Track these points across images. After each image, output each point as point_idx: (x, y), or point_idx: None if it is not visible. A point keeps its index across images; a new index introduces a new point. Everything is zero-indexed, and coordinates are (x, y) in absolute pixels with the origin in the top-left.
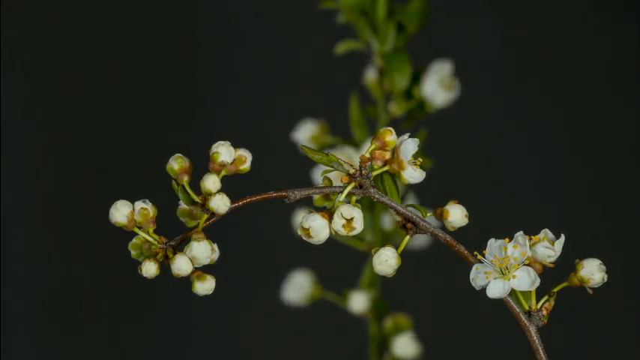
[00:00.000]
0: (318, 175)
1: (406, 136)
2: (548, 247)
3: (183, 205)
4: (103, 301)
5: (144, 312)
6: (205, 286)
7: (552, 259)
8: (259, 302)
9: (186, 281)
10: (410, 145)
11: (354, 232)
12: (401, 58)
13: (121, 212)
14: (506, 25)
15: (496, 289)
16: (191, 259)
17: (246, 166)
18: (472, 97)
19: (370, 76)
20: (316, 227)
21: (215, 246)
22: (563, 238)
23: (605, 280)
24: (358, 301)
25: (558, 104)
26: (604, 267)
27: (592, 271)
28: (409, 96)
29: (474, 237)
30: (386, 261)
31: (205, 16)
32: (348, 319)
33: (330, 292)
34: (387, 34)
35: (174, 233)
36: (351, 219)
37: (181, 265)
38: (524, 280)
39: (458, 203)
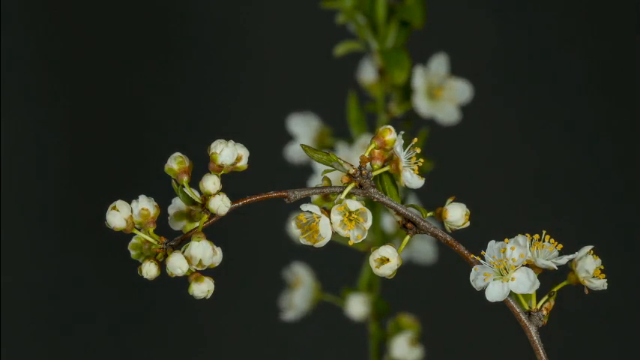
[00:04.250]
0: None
1: (399, 136)
2: (547, 267)
3: (179, 207)
4: (103, 301)
5: (144, 312)
6: (202, 288)
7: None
8: (258, 302)
9: (187, 282)
10: (397, 148)
11: (365, 234)
12: (400, 52)
13: (119, 215)
14: (507, 24)
15: (495, 293)
16: (188, 259)
17: (242, 163)
18: (473, 97)
19: (368, 76)
20: (322, 225)
21: (218, 249)
22: (576, 254)
23: (606, 287)
24: (356, 307)
25: (559, 103)
26: (599, 260)
27: (585, 267)
28: (407, 97)
29: (475, 237)
30: (386, 260)
31: (205, 16)
32: (348, 318)
33: (329, 293)
34: (387, 34)
35: (174, 233)
36: (359, 213)
37: (176, 263)
38: (524, 282)
39: (457, 201)
